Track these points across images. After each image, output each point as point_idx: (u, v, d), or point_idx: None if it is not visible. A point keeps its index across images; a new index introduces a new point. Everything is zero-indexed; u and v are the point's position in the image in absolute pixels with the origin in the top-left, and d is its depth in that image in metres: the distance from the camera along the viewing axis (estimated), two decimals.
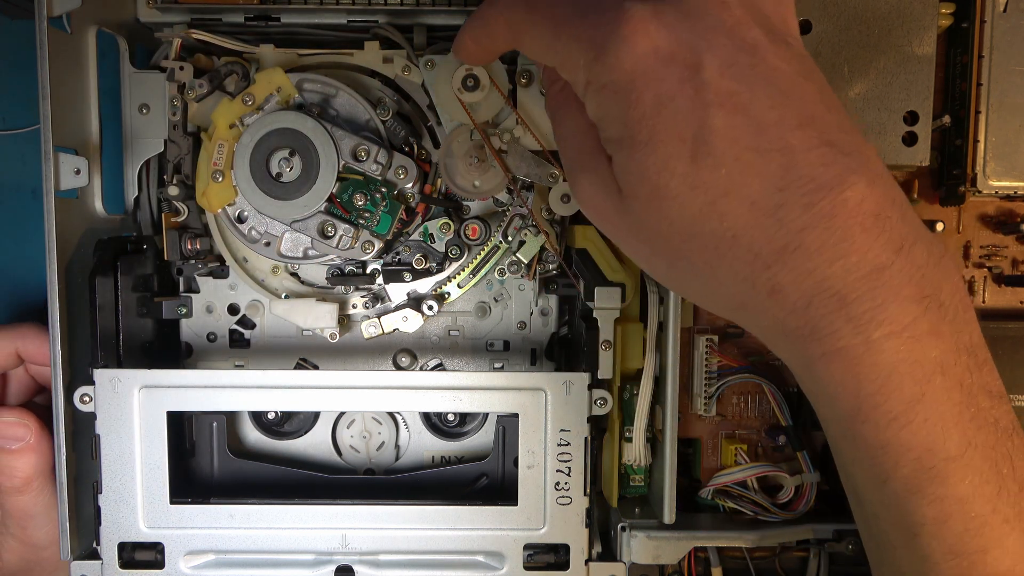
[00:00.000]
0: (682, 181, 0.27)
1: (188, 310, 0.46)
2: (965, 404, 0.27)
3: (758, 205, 0.26)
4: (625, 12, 0.27)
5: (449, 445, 0.47)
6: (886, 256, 0.26)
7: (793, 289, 0.27)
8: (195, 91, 0.41)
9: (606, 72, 0.28)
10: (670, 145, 0.27)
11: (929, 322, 0.26)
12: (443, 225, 0.43)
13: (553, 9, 0.30)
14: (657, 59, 0.27)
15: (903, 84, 0.41)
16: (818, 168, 0.26)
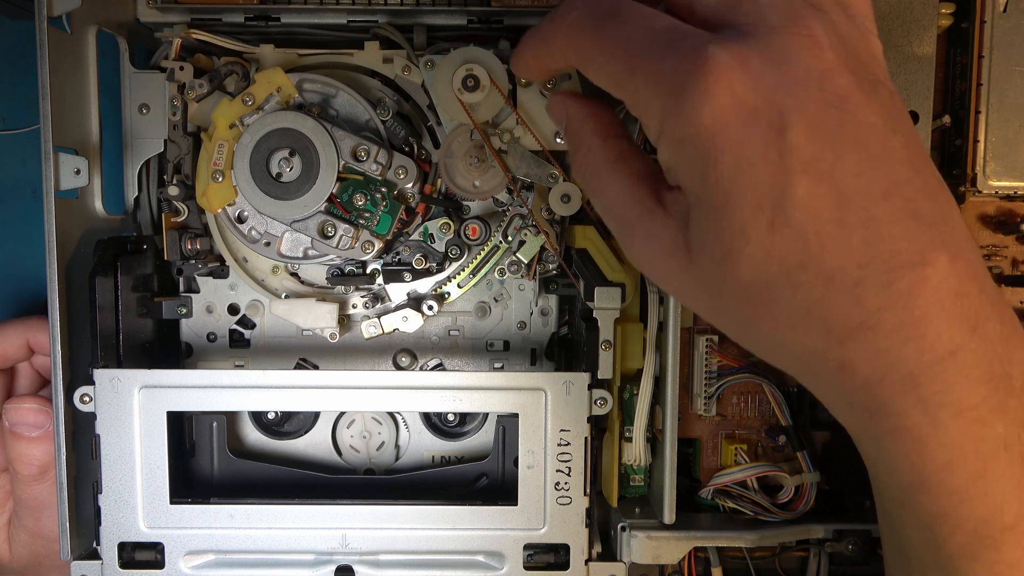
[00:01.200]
0: (757, 248, 0.26)
1: (188, 310, 0.46)
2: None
3: (835, 281, 0.25)
4: (707, 59, 0.25)
5: (449, 445, 0.47)
6: (960, 337, 0.25)
7: (864, 366, 0.26)
8: (195, 91, 0.41)
9: (683, 126, 0.26)
10: (747, 211, 0.25)
11: (997, 399, 0.26)
12: (443, 225, 0.43)
13: (628, 41, 0.27)
14: (739, 116, 0.25)
15: (903, 84, 0.41)
16: (901, 243, 0.25)
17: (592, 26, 0.29)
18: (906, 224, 0.25)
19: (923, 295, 0.25)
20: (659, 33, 0.27)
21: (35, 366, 0.45)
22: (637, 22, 0.27)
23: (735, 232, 0.26)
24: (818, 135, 0.25)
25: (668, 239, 0.28)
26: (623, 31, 0.28)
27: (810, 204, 0.25)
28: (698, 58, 0.25)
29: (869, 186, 0.25)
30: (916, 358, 0.25)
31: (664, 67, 0.26)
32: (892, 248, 0.25)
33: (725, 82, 0.25)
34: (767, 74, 0.25)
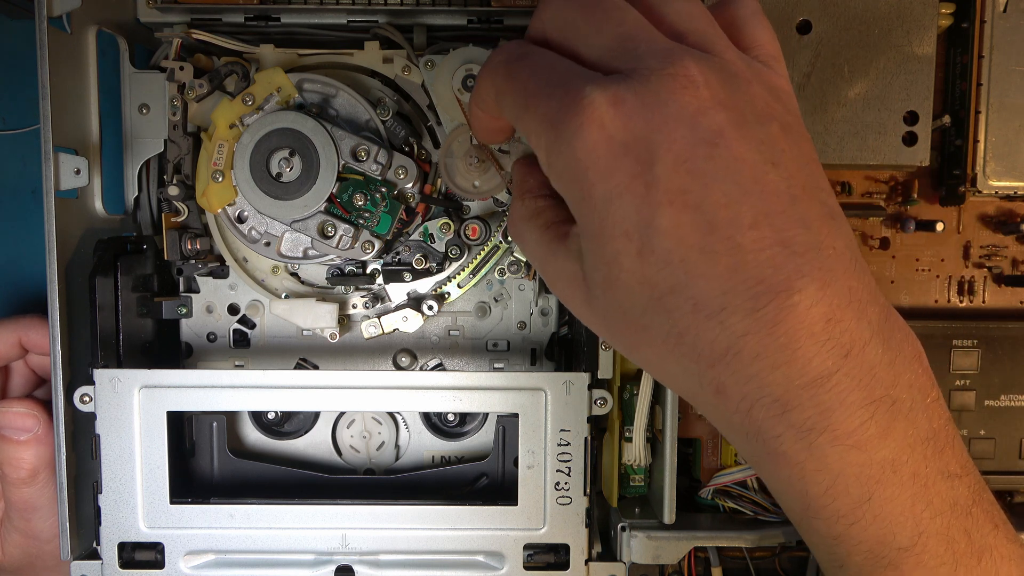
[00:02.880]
0: (630, 275, 0.27)
1: (188, 310, 0.46)
2: (918, 495, 0.27)
3: (701, 306, 0.26)
4: (583, 99, 0.27)
5: (449, 445, 0.47)
6: (832, 362, 0.25)
7: (735, 392, 0.26)
8: (195, 91, 0.41)
9: (562, 159, 0.28)
10: (618, 240, 0.27)
11: (878, 424, 0.26)
12: (443, 225, 0.43)
13: (527, 80, 0.29)
14: (610, 151, 0.26)
15: (903, 84, 0.41)
16: (767, 270, 0.25)
17: (504, 68, 0.30)
18: (773, 252, 0.25)
19: (789, 321, 0.25)
20: (553, 73, 0.28)
21: (30, 365, 0.45)
22: (539, 64, 0.29)
23: (609, 260, 0.27)
24: (685, 168, 0.26)
25: (570, 272, 0.30)
26: (525, 72, 0.29)
27: (675, 232, 0.26)
28: (577, 96, 0.27)
29: (736, 216, 0.25)
30: (785, 384, 0.25)
31: (551, 105, 0.28)
32: (758, 275, 0.25)
33: (597, 120, 0.26)
34: (639, 112, 0.26)
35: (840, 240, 0.27)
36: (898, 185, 0.45)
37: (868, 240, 0.46)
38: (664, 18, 0.29)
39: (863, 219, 0.45)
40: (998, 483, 0.45)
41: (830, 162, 0.41)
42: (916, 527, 0.27)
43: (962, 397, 0.45)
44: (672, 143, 0.26)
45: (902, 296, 0.46)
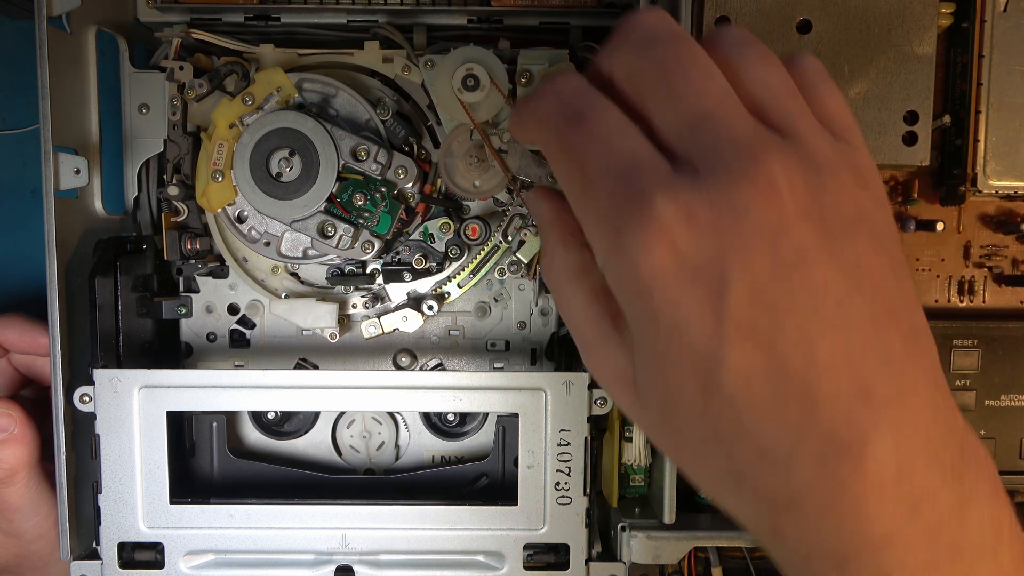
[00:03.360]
0: (691, 408, 0.25)
1: (188, 310, 0.46)
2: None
3: (768, 454, 0.24)
4: (651, 208, 0.23)
5: (449, 445, 0.47)
6: (899, 519, 0.23)
7: (794, 539, 0.25)
8: (195, 91, 0.41)
9: (622, 272, 0.25)
10: (682, 371, 0.24)
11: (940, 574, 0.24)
12: (443, 225, 0.43)
13: (585, 158, 0.26)
14: (678, 275, 0.23)
15: (903, 84, 0.41)
16: (840, 424, 0.23)
17: (557, 130, 0.27)
18: (849, 403, 0.23)
19: (858, 480, 0.23)
20: (615, 159, 0.25)
21: (14, 364, 0.45)
22: (598, 139, 0.26)
23: (671, 388, 0.25)
24: (760, 300, 0.23)
25: (620, 369, 0.28)
26: (582, 146, 0.26)
27: (744, 373, 0.23)
28: (643, 206, 0.24)
29: (812, 357, 0.23)
30: (847, 541, 0.24)
31: (611, 204, 0.25)
32: (830, 428, 0.23)
33: (667, 238, 0.23)
34: (714, 229, 0.23)
35: (922, 370, 0.24)
36: (898, 185, 0.45)
37: None
38: (745, 85, 0.26)
39: None
40: None
41: None
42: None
43: (962, 397, 0.44)
44: (748, 269, 0.23)
45: None
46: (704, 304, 0.23)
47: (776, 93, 0.26)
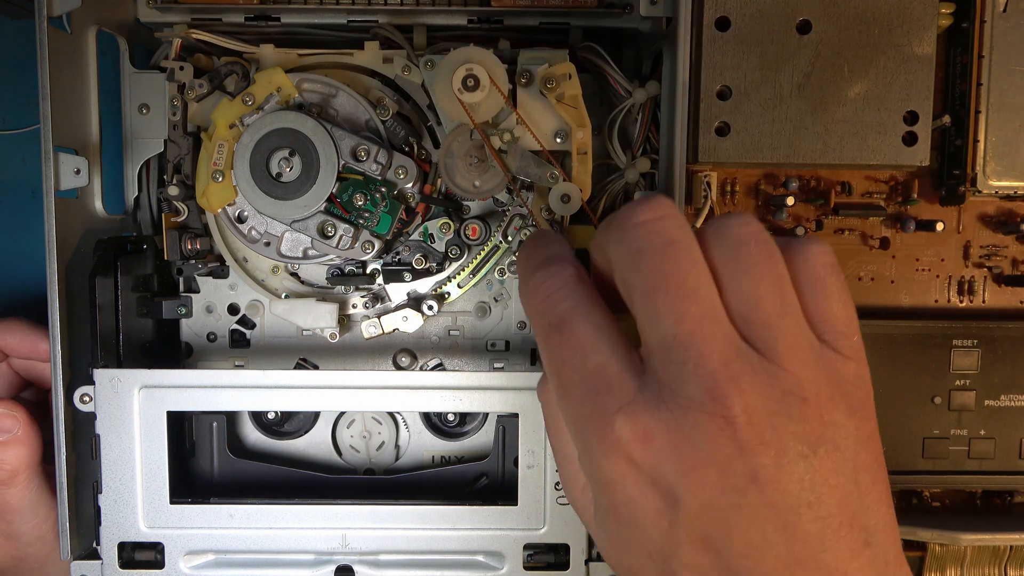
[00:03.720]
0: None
1: (188, 310, 0.46)
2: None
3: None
4: (612, 431, 0.26)
5: (449, 445, 0.47)
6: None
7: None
8: (195, 91, 0.41)
9: (590, 465, 0.28)
10: (642, 556, 0.28)
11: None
12: (443, 225, 0.43)
13: (561, 367, 0.29)
14: (636, 484, 0.27)
15: (903, 84, 0.41)
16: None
17: (542, 332, 0.29)
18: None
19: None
20: (587, 374, 0.28)
21: (14, 368, 0.45)
22: (574, 349, 0.28)
23: (632, 567, 0.28)
24: (710, 515, 0.26)
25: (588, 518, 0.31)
26: (560, 354, 0.29)
27: (696, 569, 0.26)
28: (605, 425, 0.27)
29: (756, 567, 0.25)
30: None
31: (581, 413, 0.28)
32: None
33: (624, 454, 0.26)
34: (668, 454, 0.26)
35: (869, 572, 0.26)
36: (898, 185, 0.45)
37: (868, 240, 0.46)
38: (733, 296, 0.27)
39: (863, 219, 0.45)
40: (998, 483, 0.45)
41: (830, 162, 0.41)
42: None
43: (962, 397, 0.45)
44: (699, 490, 0.26)
45: (902, 296, 0.46)
46: (659, 509, 0.26)
47: (763, 310, 0.27)
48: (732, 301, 0.27)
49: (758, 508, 0.25)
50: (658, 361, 0.27)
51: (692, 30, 0.40)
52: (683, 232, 0.28)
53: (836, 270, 0.29)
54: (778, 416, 0.26)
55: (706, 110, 0.41)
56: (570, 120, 0.41)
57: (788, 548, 0.25)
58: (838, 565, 0.26)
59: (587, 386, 0.28)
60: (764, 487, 0.25)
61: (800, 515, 0.26)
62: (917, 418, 0.45)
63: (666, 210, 0.28)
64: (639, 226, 0.28)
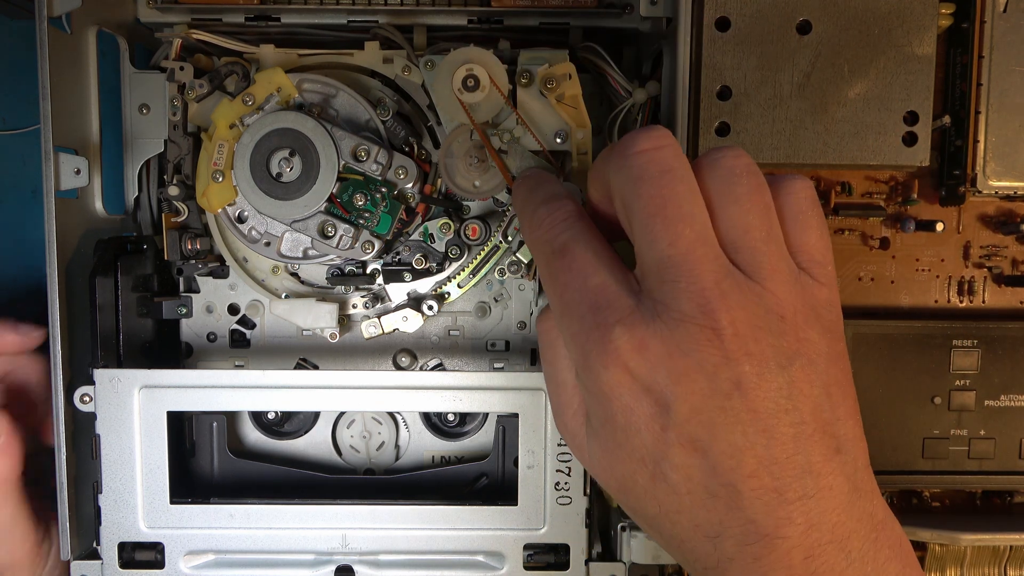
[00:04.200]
0: (642, 491, 0.30)
1: (188, 310, 0.46)
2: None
3: (701, 528, 0.29)
4: (610, 341, 0.29)
5: (449, 445, 0.47)
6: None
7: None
8: (195, 91, 0.41)
9: (588, 378, 0.30)
10: (634, 462, 0.30)
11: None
12: (443, 225, 0.43)
13: (564, 288, 0.31)
14: (631, 390, 0.29)
15: (903, 84, 0.41)
16: (759, 514, 0.28)
17: (545, 259, 0.32)
18: (767, 498, 0.28)
19: (770, 558, 0.28)
20: (587, 292, 0.30)
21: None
22: (576, 272, 0.31)
23: (625, 472, 0.30)
24: (698, 418, 0.28)
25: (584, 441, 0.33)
26: (562, 277, 0.31)
27: (684, 470, 0.29)
28: (605, 334, 0.29)
29: (739, 465, 0.28)
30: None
31: (581, 329, 0.30)
32: (751, 516, 0.28)
33: (622, 363, 0.29)
34: (662, 361, 0.28)
35: (840, 476, 0.29)
36: (898, 185, 0.45)
37: (868, 240, 0.46)
38: (723, 221, 0.30)
39: (863, 219, 0.45)
40: (998, 483, 0.45)
41: (830, 162, 0.41)
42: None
43: (962, 397, 0.45)
44: (689, 395, 0.28)
45: (902, 296, 0.46)
46: (652, 414, 0.29)
47: (750, 236, 0.30)
48: (722, 227, 0.30)
49: (741, 412, 0.28)
50: (653, 279, 0.29)
51: (692, 30, 0.40)
52: (680, 161, 0.30)
53: (816, 205, 0.32)
54: (761, 330, 0.28)
55: (706, 110, 0.41)
56: (570, 120, 0.41)
57: (767, 449, 0.28)
58: (811, 467, 0.28)
59: (588, 303, 0.30)
60: (747, 393, 0.28)
61: (778, 419, 0.28)
62: (917, 418, 0.44)
63: (664, 140, 0.30)
64: (639, 154, 0.30)
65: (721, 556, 0.29)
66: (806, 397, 0.29)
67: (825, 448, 0.29)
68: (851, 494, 0.29)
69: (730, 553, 0.29)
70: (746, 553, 0.28)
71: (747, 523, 0.28)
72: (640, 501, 0.31)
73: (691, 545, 0.30)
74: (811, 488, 0.28)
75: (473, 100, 0.39)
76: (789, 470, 0.28)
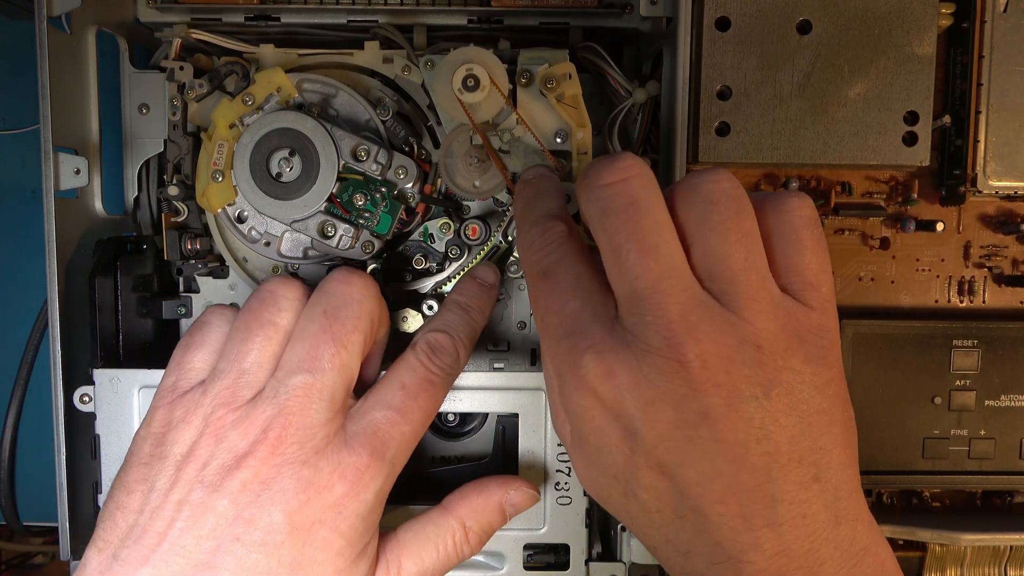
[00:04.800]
0: (617, 504, 0.31)
1: (188, 310, 0.46)
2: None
3: (672, 544, 0.30)
4: (580, 367, 0.30)
5: (449, 445, 0.47)
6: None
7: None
8: (195, 91, 0.41)
9: (564, 397, 0.31)
10: (607, 478, 0.31)
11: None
12: (443, 225, 0.43)
13: (545, 310, 0.32)
14: (602, 415, 0.30)
15: (903, 84, 0.41)
16: (726, 538, 0.28)
17: (531, 280, 0.33)
18: (734, 524, 0.28)
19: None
20: (565, 317, 0.31)
21: None
22: (556, 296, 0.31)
23: (599, 486, 0.32)
24: (665, 445, 0.29)
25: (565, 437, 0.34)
26: (544, 299, 0.32)
27: (653, 491, 0.29)
28: (576, 361, 0.30)
29: (706, 492, 0.28)
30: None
31: (558, 351, 0.31)
32: (717, 539, 0.29)
33: (591, 389, 0.30)
34: (629, 390, 0.29)
35: (817, 504, 0.29)
36: (898, 185, 0.45)
37: (868, 240, 0.46)
38: (697, 250, 0.30)
39: (863, 219, 0.45)
40: (998, 483, 0.45)
41: (830, 162, 0.41)
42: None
43: (962, 397, 0.45)
44: (655, 423, 0.29)
45: (902, 296, 0.46)
46: (621, 438, 0.29)
47: (726, 265, 0.29)
48: (697, 256, 0.30)
49: (708, 442, 0.28)
50: (624, 310, 0.30)
51: (692, 30, 0.40)
52: (646, 192, 0.30)
53: (814, 223, 0.31)
54: (733, 362, 0.28)
55: (706, 110, 0.41)
56: (570, 120, 0.41)
57: (735, 477, 0.28)
58: (784, 495, 0.28)
59: (564, 327, 0.31)
60: (715, 423, 0.28)
61: (748, 449, 0.28)
62: (917, 418, 0.45)
63: (630, 171, 0.30)
64: (604, 187, 0.30)
65: (692, 569, 0.30)
66: (781, 427, 0.28)
67: (802, 477, 0.29)
68: (829, 523, 0.29)
69: (700, 569, 0.29)
70: (714, 572, 0.29)
71: (714, 545, 0.29)
72: (616, 512, 0.32)
73: (663, 556, 0.31)
74: (781, 516, 0.28)
75: (473, 100, 0.39)
76: (758, 498, 0.28)
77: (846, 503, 0.29)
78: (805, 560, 0.28)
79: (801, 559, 0.28)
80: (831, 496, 0.29)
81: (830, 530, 0.29)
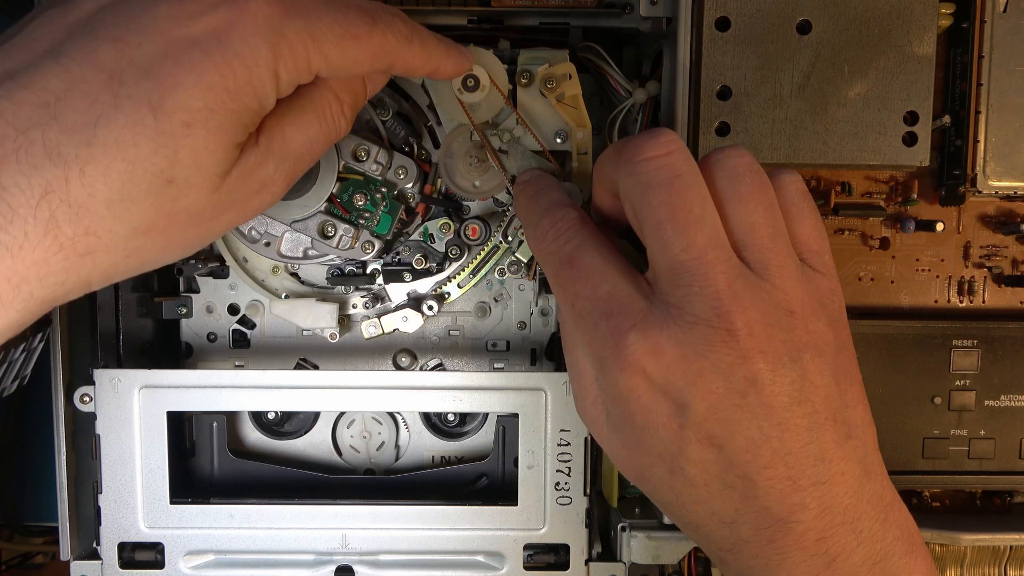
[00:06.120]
0: (660, 483, 0.31)
1: (188, 310, 0.46)
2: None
3: (717, 516, 0.31)
4: (626, 347, 0.29)
5: (449, 445, 0.47)
6: (816, 566, 0.30)
7: (734, 570, 0.32)
8: None
9: (606, 382, 0.31)
10: (652, 457, 0.31)
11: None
12: (443, 225, 0.43)
13: (575, 297, 0.31)
14: (649, 392, 0.30)
15: (903, 84, 0.41)
16: (774, 502, 0.29)
17: (553, 270, 0.33)
18: (782, 487, 0.29)
19: (784, 540, 0.29)
20: (599, 300, 0.31)
21: None
22: (585, 281, 0.31)
23: (642, 467, 0.32)
24: (715, 416, 0.29)
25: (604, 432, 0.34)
26: (572, 287, 0.32)
27: (701, 464, 0.30)
28: (619, 342, 0.30)
29: (755, 458, 0.29)
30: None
31: (595, 336, 0.31)
32: (765, 504, 0.29)
33: (639, 368, 0.29)
34: (678, 364, 0.29)
35: (851, 461, 0.30)
36: (898, 185, 0.45)
37: (868, 240, 0.46)
38: (731, 221, 0.30)
39: (863, 219, 0.45)
40: (998, 483, 0.45)
41: (830, 162, 0.41)
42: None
43: (962, 397, 0.44)
44: (705, 395, 0.29)
45: (902, 296, 0.46)
46: (670, 414, 0.30)
47: (757, 233, 0.30)
48: (731, 227, 0.30)
49: (757, 408, 0.29)
50: (666, 283, 0.30)
51: (692, 30, 0.40)
52: (688, 166, 0.30)
53: (807, 195, 0.33)
54: (772, 327, 0.29)
55: (706, 110, 0.41)
56: (570, 120, 0.41)
57: (782, 441, 0.29)
58: (824, 454, 0.29)
59: (600, 310, 0.31)
60: (762, 389, 0.29)
61: (792, 412, 0.29)
62: (917, 418, 0.44)
63: (672, 145, 0.30)
64: (648, 161, 0.30)
65: (737, 539, 0.30)
66: (817, 387, 0.30)
67: (837, 435, 0.30)
68: (862, 477, 0.30)
69: (746, 536, 0.30)
70: (761, 536, 0.30)
71: (762, 510, 0.29)
72: (658, 491, 0.32)
73: (707, 530, 0.31)
74: (824, 474, 0.29)
75: (473, 100, 0.39)
76: (803, 459, 0.29)
77: (872, 458, 0.31)
78: (846, 516, 0.30)
79: (842, 515, 0.29)
80: (862, 452, 0.30)
81: (863, 485, 0.30)
